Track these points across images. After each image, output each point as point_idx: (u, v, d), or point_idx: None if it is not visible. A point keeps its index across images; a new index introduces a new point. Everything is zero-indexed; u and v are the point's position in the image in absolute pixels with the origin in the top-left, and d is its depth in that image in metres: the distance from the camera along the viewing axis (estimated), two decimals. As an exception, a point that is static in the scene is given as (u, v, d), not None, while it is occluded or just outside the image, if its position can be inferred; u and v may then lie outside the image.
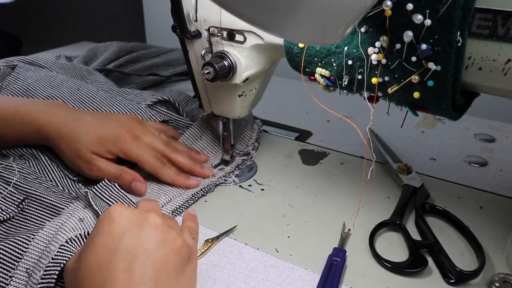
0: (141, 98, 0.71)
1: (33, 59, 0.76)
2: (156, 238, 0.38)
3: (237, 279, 0.44)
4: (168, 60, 0.95)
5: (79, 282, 0.36)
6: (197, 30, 0.53)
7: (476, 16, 0.35)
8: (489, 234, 0.49)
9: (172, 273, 0.37)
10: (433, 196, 0.56)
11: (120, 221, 0.38)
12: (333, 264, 0.45)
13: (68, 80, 0.70)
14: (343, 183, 0.59)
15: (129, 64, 0.92)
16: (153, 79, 0.91)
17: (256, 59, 0.53)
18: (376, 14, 0.38)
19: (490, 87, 0.38)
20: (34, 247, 0.45)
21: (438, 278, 0.44)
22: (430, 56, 0.37)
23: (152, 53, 0.96)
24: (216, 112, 0.60)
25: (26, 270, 0.43)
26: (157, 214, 0.40)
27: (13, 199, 0.51)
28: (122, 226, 0.38)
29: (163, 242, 0.38)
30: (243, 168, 0.63)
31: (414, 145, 0.69)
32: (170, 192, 0.56)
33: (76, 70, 0.79)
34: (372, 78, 0.42)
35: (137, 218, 0.39)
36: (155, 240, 0.38)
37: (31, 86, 0.67)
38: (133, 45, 0.98)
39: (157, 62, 0.93)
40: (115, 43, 0.97)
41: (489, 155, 0.66)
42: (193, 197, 0.56)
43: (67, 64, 0.79)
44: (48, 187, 0.55)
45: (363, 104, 0.47)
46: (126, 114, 0.63)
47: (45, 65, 0.76)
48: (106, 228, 0.38)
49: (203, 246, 0.48)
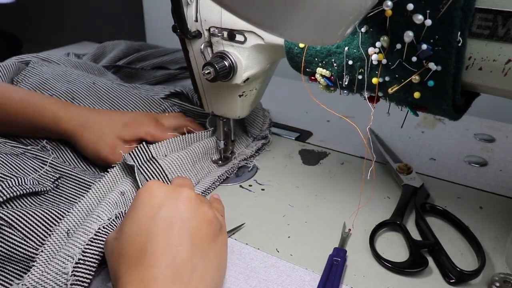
0: (153, 92, 0.73)
1: (46, 56, 0.78)
2: (190, 209, 0.41)
3: (237, 279, 0.44)
4: (175, 58, 0.96)
5: (121, 248, 0.39)
6: (197, 30, 0.53)
7: (476, 16, 0.36)
8: (489, 234, 0.49)
9: (206, 240, 0.40)
10: (433, 196, 0.56)
11: (158, 194, 0.41)
12: (334, 264, 0.45)
13: (84, 75, 0.72)
14: (343, 183, 0.59)
15: (138, 62, 0.93)
16: (162, 74, 0.92)
17: (256, 59, 0.53)
18: (376, 14, 0.38)
19: (490, 87, 0.38)
20: (75, 214, 0.48)
21: (438, 278, 0.44)
22: (431, 56, 0.37)
23: (160, 52, 0.98)
24: (216, 112, 0.60)
25: (66, 231, 0.46)
26: (190, 189, 0.43)
27: (48, 176, 0.54)
28: (160, 198, 0.41)
29: (196, 213, 0.41)
30: (243, 168, 0.63)
31: (414, 145, 0.69)
32: (198, 174, 0.59)
33: (88, 67, 0.81)
34: (373, 78, 0.42)
35: (172, 192, 0.42)
36: (189, 211, 0.40)
37: (47, 81, 0.68)
38: (140, 44, 1.00)
39: (164, 60, 0.94)
40: (123, 41, 0.98)
41: (489, 155, 0.66)
42: (219, 179, 0.59)
43: (79, 61, 0.81)
44: (81, 169, 0.58)
45: (363, 104, 0.47)
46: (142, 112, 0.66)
47: (58, 61, 0.78)
48: (146, 200, 0.41)
49: None
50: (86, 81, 0.69)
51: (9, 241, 0.44)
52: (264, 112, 0.71)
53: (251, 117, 0.68)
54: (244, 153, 0.64)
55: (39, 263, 0.43)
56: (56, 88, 0.67)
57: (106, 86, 0.68)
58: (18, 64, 0.72)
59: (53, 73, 0.71)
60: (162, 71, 0.92)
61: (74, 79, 0.70)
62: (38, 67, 0.72)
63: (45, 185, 0.52)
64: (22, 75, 0.70)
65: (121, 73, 0.89)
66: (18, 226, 0.45)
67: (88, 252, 0.42)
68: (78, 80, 0.70)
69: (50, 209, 0.47)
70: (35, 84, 0.68)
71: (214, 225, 0.42)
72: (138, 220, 0.40)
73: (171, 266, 0.36)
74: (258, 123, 0.69)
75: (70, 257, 0.42)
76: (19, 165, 0.53)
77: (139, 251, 0.37)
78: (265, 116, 0.70)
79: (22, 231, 0.45)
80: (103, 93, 0.67)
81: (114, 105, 0.67)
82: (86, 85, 0.68)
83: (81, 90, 0.67)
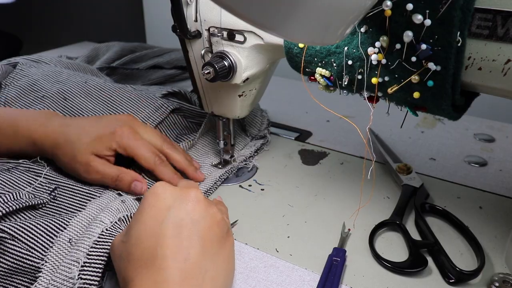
0: (147, 92, 0.71)
1: (37, 58, 0.75)
2: (200, 210, 0.40)
3: (237, 279, 0.44)
4: (171, 60, 0.95)
5: (129, 252, 0.38)
6: (197, 30, 0.53)
7: (475, 16, 0.36)
8: (489, 234, 0.49)
9: (215, 242, 0.40)
10: (433, 196, 0.56)
11: (165, 196, 0.41)
12: (333, 264, 0.45)
13: (75, 74, 0.70)
14: (343, 183, 0.59)
15: (132, 64, 0.92)
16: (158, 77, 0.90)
17: (256, 59, 0.53)
18: (376, 14, 0.38)
19: (490, 87, 0.38)
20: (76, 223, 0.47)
21: (438, 278, 0.44)
22: (430, 56, 0.37)
23: (155, 52, 0.96)
24: (216, 112, 0.60)
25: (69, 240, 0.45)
26: (198, 190, 0.43)
27: (44, 188, 0.52)
28: (168, 200, 0.40)
29: (206, 215, 0.40)
30: (243, 168, 0.63)
31: (414, 145, 0.69)
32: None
33: (81, 68, 0.79)
34: (372, 78, 0.42)
35: (180, 193, 0.41)
36: (199, 212, 0.40)
37: (37, 82, 0.66)
38: (135, 45, 0.98)
39: (159, 62, 0.93)
40: (117, 43, 0.96)
41: (489, 155, 0.66)
42: (220, 179, 0.59)
43: (71, 62, 0.79)
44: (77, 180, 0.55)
45: (363, 104, 0.47)
46: (123, 114, 0.62)
47: (50, 62, 0.75)
48: (153, 202, 0.40)
49: None
50: (77, 80, 0.67)
51: (13, 253, 0.43)
52: (262, 112, 0.71)
53: (250, 117, 0.68)
54: (244, 154, 0.64)
55: (45, 273, 0.42)
56: (47, 89, 0.65)
57: (99, 84, 0.66)
58: (6, 67, 0.70)
59: (42, 73, 0.68)
60: (158, 72, 0.91)
61: (65, 78, 0.68)
62: (27, 68, 0.70)
63: (41, 197, 0.50)
64: (10, 78, 0.68)
65: (115, 76, 0.87)
66: (21, 237, 0.44)
67: (93, 254, 0.42)
68: (69, 79, 0.67)
69: (51, 219, 0.46)
70: (25, 86, 0.65)
71: (222, 227, 0.41)
72: (146, 222, 0.39)
73: (183, 269, 0.36)
74: (256, 123, 0.69)
75: (76, 262, 0.41)
76: (12, 180, 0.51)
77: (149, 254, 0.37)
78: (263, 116, 0.70)
79: (26, 242, 0.44)
80: (95, 92, 0.65)
81: (107, 103, 0.65)
82: (78, 84, 0.66)
83: (73, 89, 0.64)
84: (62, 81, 0.67)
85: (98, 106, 0.64)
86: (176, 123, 0.68)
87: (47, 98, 0.64)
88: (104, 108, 0.64)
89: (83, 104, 0.64)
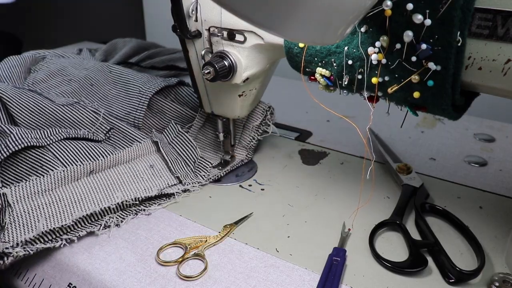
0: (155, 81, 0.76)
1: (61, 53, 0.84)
2: None
3: (237, 278, 0.44)
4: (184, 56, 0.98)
5: None
6: (197, 30, 0.53)
7: (476, 16, 0.36)
8: (489, 234, 0.49)
9: None
10: (433, 196, 0.56)
11: None
12: (333, 264, 0.45)
13: (99, 63, 0.77)
14: (343, 183, 0.59)
15: (148, 59, 0.96)
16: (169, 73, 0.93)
17: (256, 59, 0.53)
18: (376, 14, 0.38)
19: (490, 87, 0.38)
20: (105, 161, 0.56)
21: (438, 278, 0.44)
22: (430, 56, 0.37)
23: (169, 50, 1.01)
24: (216, 112, 0.60)
25: (90, 171, 0.55)
26: None
27: (102, 128, 0.62)
28: None
29: None
30: (243, 168, 0.63)
31: (414, 145, 0.69)
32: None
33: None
34: (372, 78, 0.42)
35: None
36: None
37: (66, 68, 0.75)
38: (149, 43, 1.03)
39: (173, 57, 0.97)
40: (134, 39, 1.02)
41: (488, 155, 0.66)
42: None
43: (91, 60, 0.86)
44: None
45: (363, 104, 0.47)
46: None
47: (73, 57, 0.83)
48: None
49: (222, 231, 0.50)
50: (103, 68, 0.74)
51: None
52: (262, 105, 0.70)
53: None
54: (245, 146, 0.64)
55: None
56: (75, 74, 0.72)
57: (119, 70, 0.73)
58: (35, 57, 0.79)
59: (70, 62, 0.77)
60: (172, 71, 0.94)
61: (91, 66, 0.75)
62: (55, 58, 0.79)
63: (99, 136, 0.60)
64: (40, 64, 0.77)
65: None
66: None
67: None
68: (95, 67, 0.75)
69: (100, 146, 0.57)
70: (54, 70, 0.73)
71: None
72: None
73: None
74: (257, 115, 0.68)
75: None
76: (76, 117, 0.61)
77: None
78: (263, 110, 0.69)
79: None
80: (117, 77, 0.71)
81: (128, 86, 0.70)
82: (103, 73, 0.73)
83: (98, 77, 0.72)
84: (88, 68, 0.74)
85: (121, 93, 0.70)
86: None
87: (75, 82, 0.72)
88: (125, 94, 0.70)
89: (107, 90, 0.70)
